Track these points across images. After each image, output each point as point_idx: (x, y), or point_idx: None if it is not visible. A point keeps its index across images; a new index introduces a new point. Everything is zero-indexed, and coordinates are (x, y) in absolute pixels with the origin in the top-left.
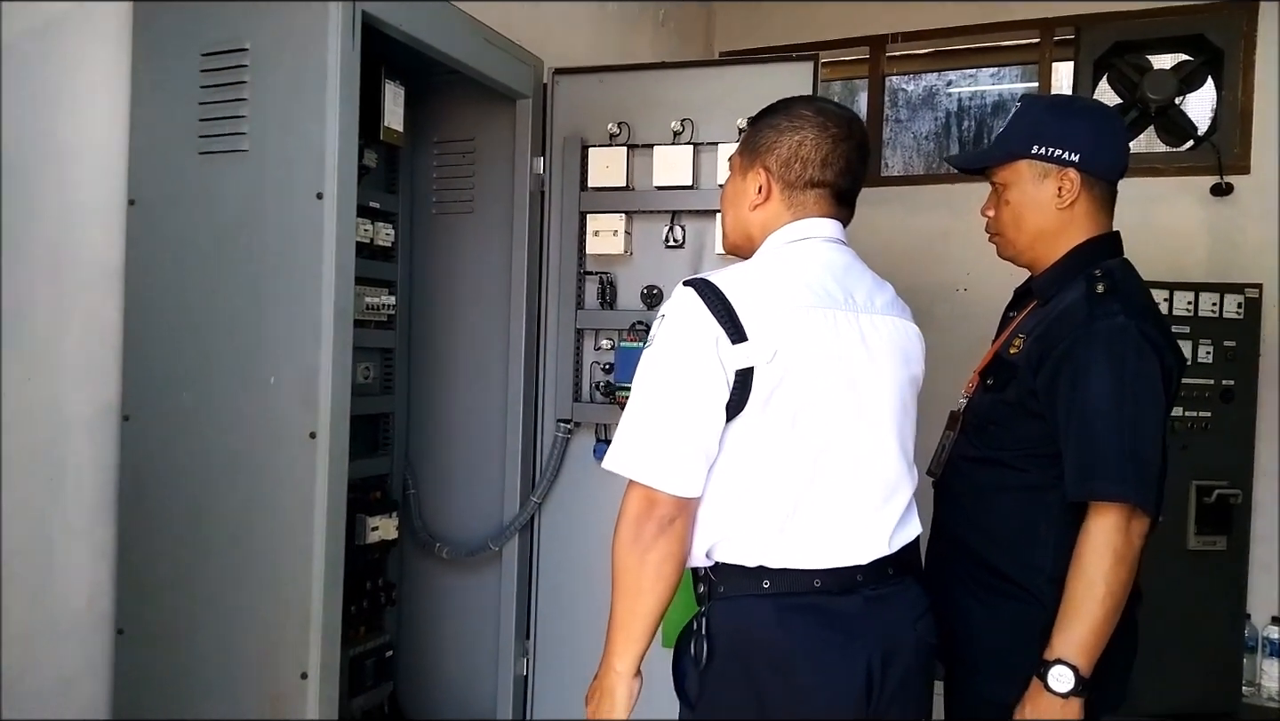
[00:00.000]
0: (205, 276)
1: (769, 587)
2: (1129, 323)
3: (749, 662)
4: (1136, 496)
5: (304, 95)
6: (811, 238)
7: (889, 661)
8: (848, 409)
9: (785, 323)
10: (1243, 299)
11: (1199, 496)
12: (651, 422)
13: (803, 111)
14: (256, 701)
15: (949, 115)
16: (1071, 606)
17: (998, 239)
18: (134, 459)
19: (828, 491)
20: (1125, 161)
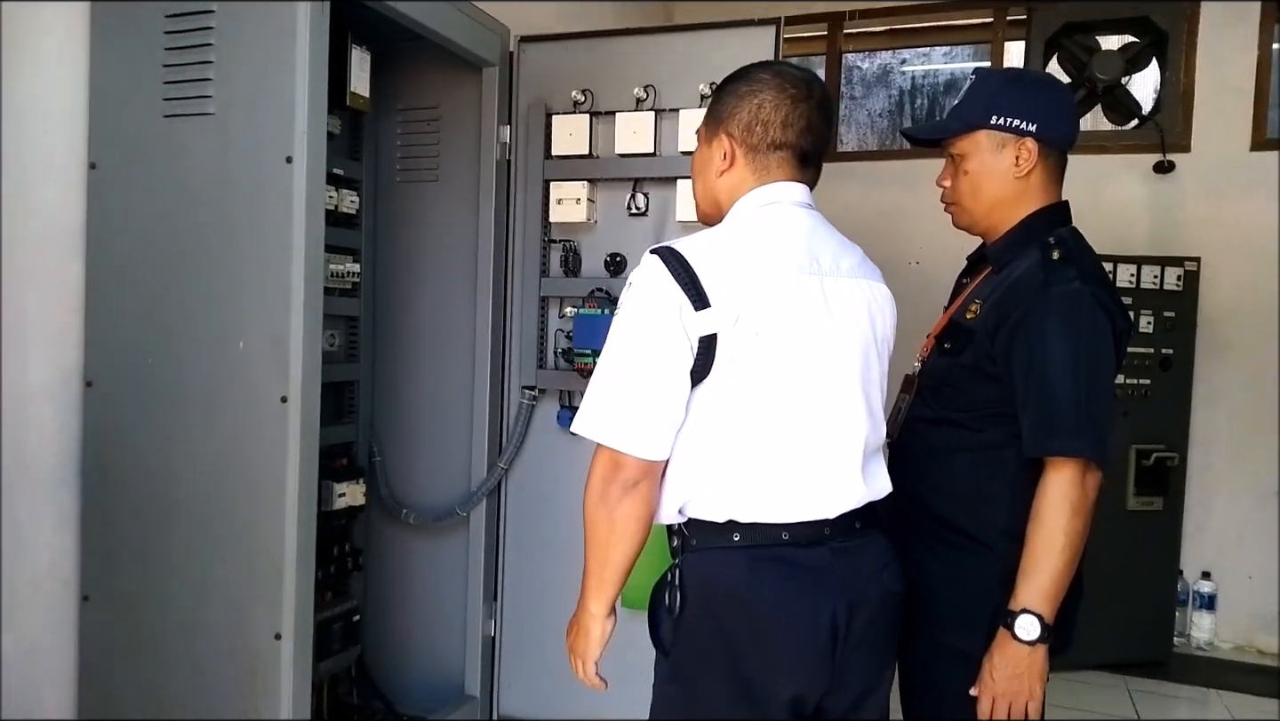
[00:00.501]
0: (171, 240)
1: (739, 540)
2: (1083, 288)
3: (719, 610)
4: (1091, 452)
5: (272, 57)
6: (778, 202)
7: (854, 610)
8: (811, 370)
9: (748, 288)
10: (1182, 271)
11: (1138, 459)
12: (617, 389)
13: (761, 75)
14: (229, 663)
15: (902, 93)
16: (1033, 558)
17: (954, 208)
18: (97, 424)
19: (794, 449)
20: (1077, 132)
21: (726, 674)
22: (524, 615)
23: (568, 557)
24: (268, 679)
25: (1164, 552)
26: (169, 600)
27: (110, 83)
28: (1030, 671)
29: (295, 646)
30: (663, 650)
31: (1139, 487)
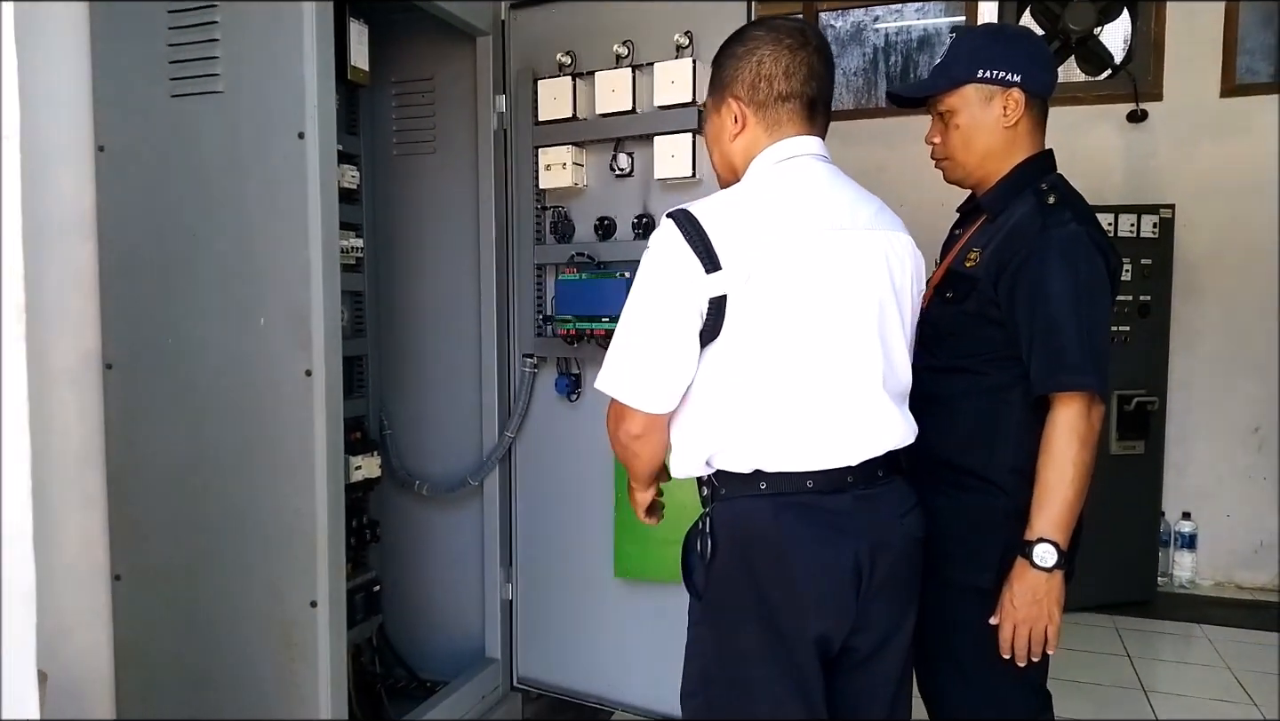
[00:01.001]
0: (184, 220)
1: (765, 489)
2: (1079, 229)
3: (748, 555)
4: (1096, 385)
5: (279, 33)
6: (793, 156)
7: (877, 554)
8: (826, 324)
9: (759, 248)
10: (1157, 219)
11: (1120, 405)
12: (629, 349)
13: (755, 33)
14: (265, 633)
15: (876, 51)
16: (1046, 489)
17: (946, 163)
18: (119, 405)
19: (813, 401)
20: (1056, 79)
21: (756, 613)
22: (538, 580)
23: (578, 521)
24: (305, 647)
25: (1147, 495)
26: (201, 575)
27: (115, 64)
28: (1049, 596)
29: (331, 612)
30: (696, 594)
31: (1121, 432)
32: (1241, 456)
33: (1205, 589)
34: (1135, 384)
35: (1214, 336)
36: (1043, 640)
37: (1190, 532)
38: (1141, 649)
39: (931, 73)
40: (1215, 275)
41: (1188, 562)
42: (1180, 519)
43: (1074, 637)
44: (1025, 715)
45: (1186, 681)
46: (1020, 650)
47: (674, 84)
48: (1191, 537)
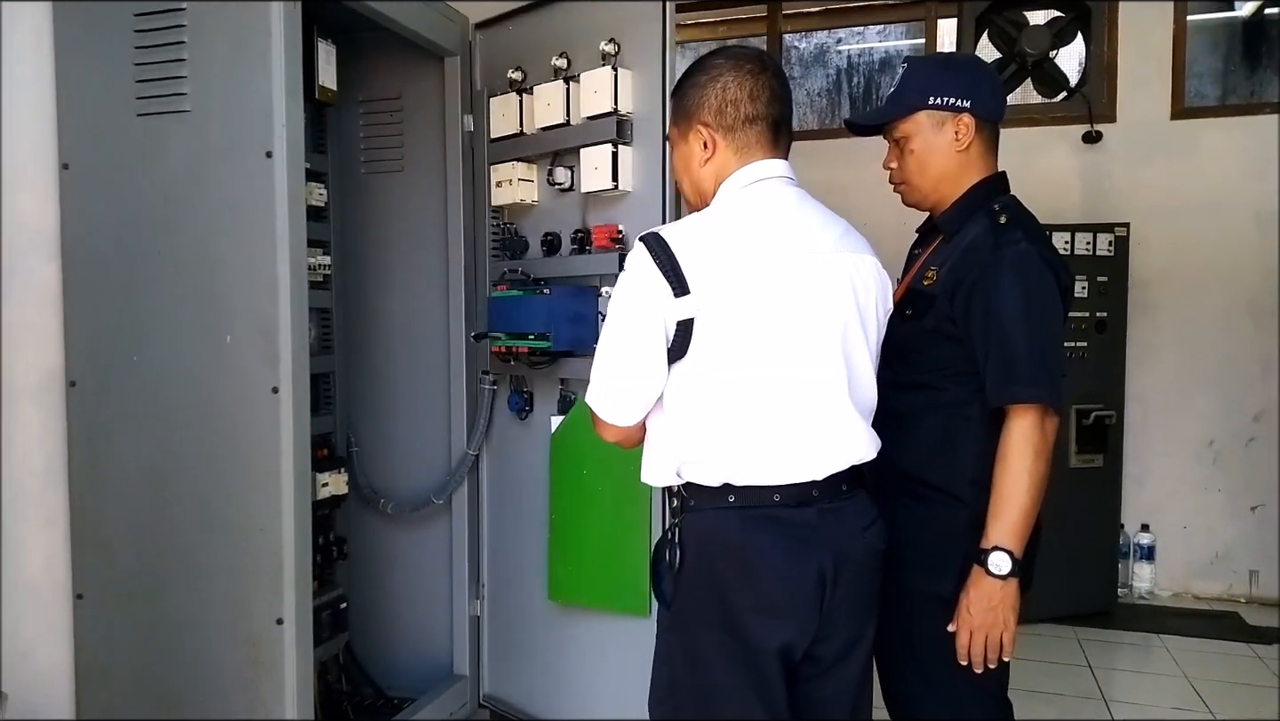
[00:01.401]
0: (150, 238)
1: (734, 501)
2: (1030, 248)
3: (716, 565)
4: (1049, 396)
5: (247, 53)
6: (763, 179)
7: (840, 565)
8: (791, 344)
9: (726, 272)
10: (1113, 237)
11: (1079, 419)
12: (603, 367)
13: (715, 61)
14: (231, 652)
15: (839, 72)
16: (1001, 499)
17: (903, 187)
18: (83, 423)
19: (778, 418)
20: (1005, 105)
21: (723, 623)
22: (504, 597)
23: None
24: (271, 664)
25: (1106, 507)
26: (166, 593)
27: (79, 82)
28: (1004, 603)
29: (297, 629)
30: (664, 602)
31: (1080, 446)
32: (1197, 469)
33: (1164, 599)
34: (1093, 398)
35: (1168, 352)
36: (999, 646)
37: (1149, 544)
38: (1102, 659)
39: (886, 101)
40: (1168, 292)
41: (1146, 574)
42: (1139, 530)
43: (1035, 648)
44: (980, 713)
45: (1145, 690)
46: (977, 656)
47: (597, 94)
48: (1150, 549)
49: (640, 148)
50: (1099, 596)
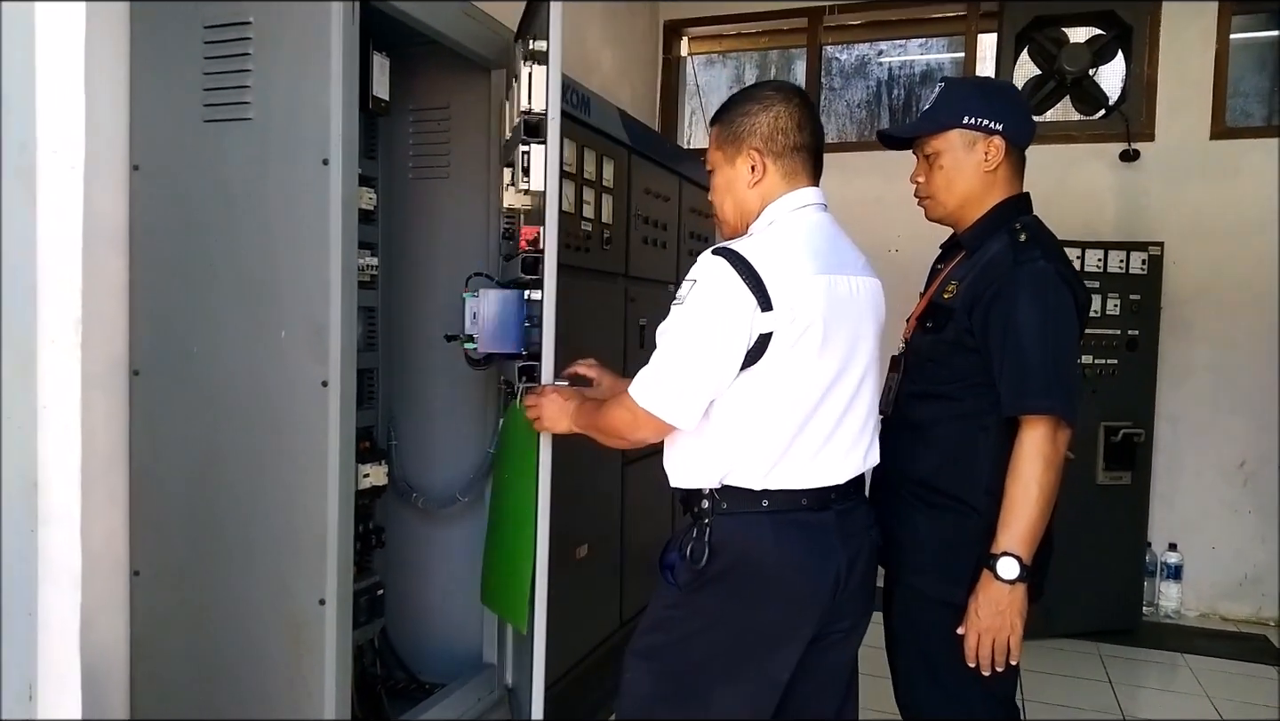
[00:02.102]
0: (212, 238)
1: (767, 506)
2: (1048, 266)
3: (748, 569)
4: (1062, 409)
5: (307, 66)
6: (807, 205)
7: (853, 564)
8: (840, 359)
9: (801, 290)
10: (1146, 256)
11: (1107, 436)
12: (679, 370)
13: (766, 92)
14: (275, 630)
15: (880, 84)
16: (1012, 507)
17: (928, 202)
18: (145, 409)
19: (820, 427)
20: (1034, 131)
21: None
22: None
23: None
24: (312, 642)
25: (1132, 525)
26: (216, 572)
27: (151, 89)
28: (1011, 608)
29: (338, 610)
30: (674, 584)
31: (1108, 463)
32: (1227, 490)
33: (1190, 619)
34: (1122, 415)
35: (1202, 372)
36: (1005, 650)
37: (1176, 563)
38: (1123, 675)
39: (920, 117)
40: (1204, 312)
41: (1174, 593)
42: (1167, 550)
43: (1057, 662)
44: (988, 715)
45: (1166, 708)
46: (984, 659)
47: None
48: (1178, 569)
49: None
50: (1124, 613)
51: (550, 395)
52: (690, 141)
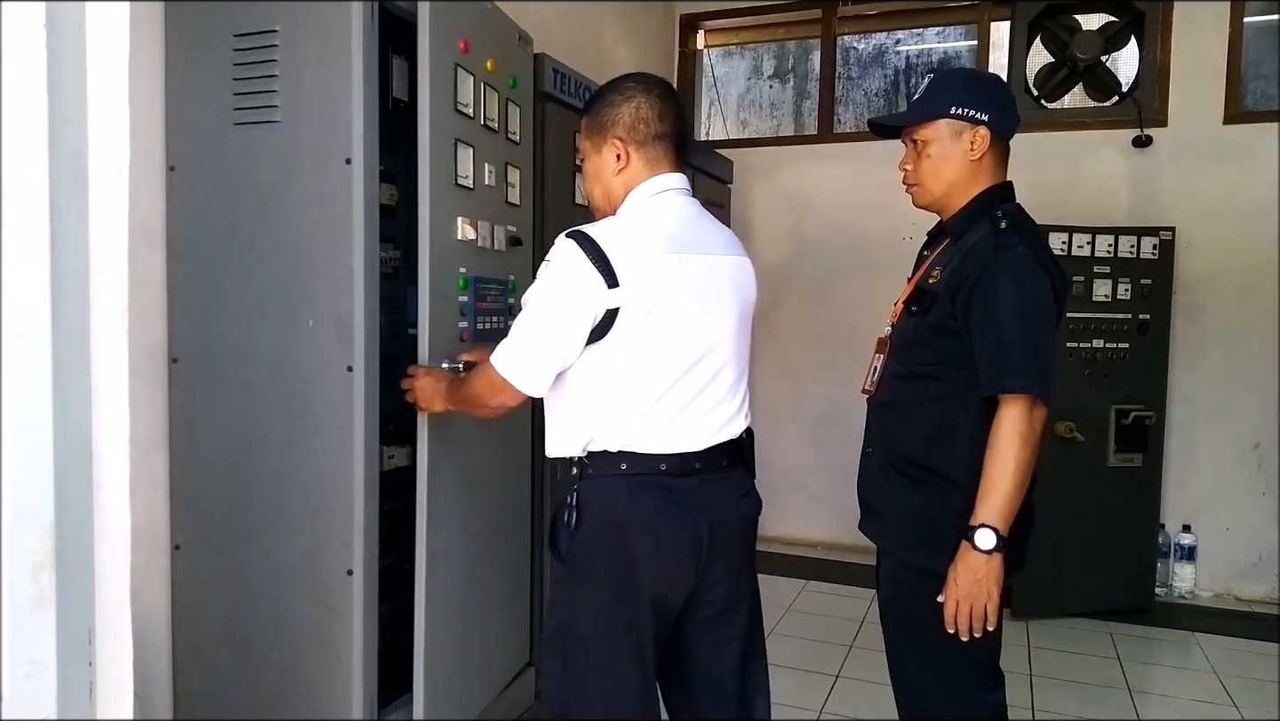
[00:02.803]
0: (244, 233)
1: (625, 469)
2: (1027, 252)
3: (606, 525)
4: (1038, 389)
5: (331, 71)
6: (667, 190)
7: (715, 528)
8: (693, 333)
9: (647, 268)
10: (1157, 240)
11: (1118, 419)
12: (529, 342)
13: (629, 85)
14: (307, 599)
15: (897, 73)
16: (989, 480)
17: (916, 189)
18: (182, 395)
19: (676, 396)
20: (1018, 123)
21: (607, 574)
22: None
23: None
24: (341, 611)
25: (1144, 506)
26: (251, 546)
27: (185, 94)
28: (988, 576)
29: (365, 580)
30: (560, 558)
31: (1119, 445)
32: (1241, 472)
33: (1204, 600)
34: (1133, 399)
35: (1216, 355)
36: (983, 616)
37: (1190, 545)
38: (1132, 652)
39: (909, 107)
40: (1217, 295)
41: (1187, 574)
42: (1181, 531)
43: (1067, 640)
44: (974, 686)
45: (1172, 683)
46: (963, 625)
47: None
48: (1191, 550)
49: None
50: (1136, 594)
51: (423, 376)
52: (709, 133)
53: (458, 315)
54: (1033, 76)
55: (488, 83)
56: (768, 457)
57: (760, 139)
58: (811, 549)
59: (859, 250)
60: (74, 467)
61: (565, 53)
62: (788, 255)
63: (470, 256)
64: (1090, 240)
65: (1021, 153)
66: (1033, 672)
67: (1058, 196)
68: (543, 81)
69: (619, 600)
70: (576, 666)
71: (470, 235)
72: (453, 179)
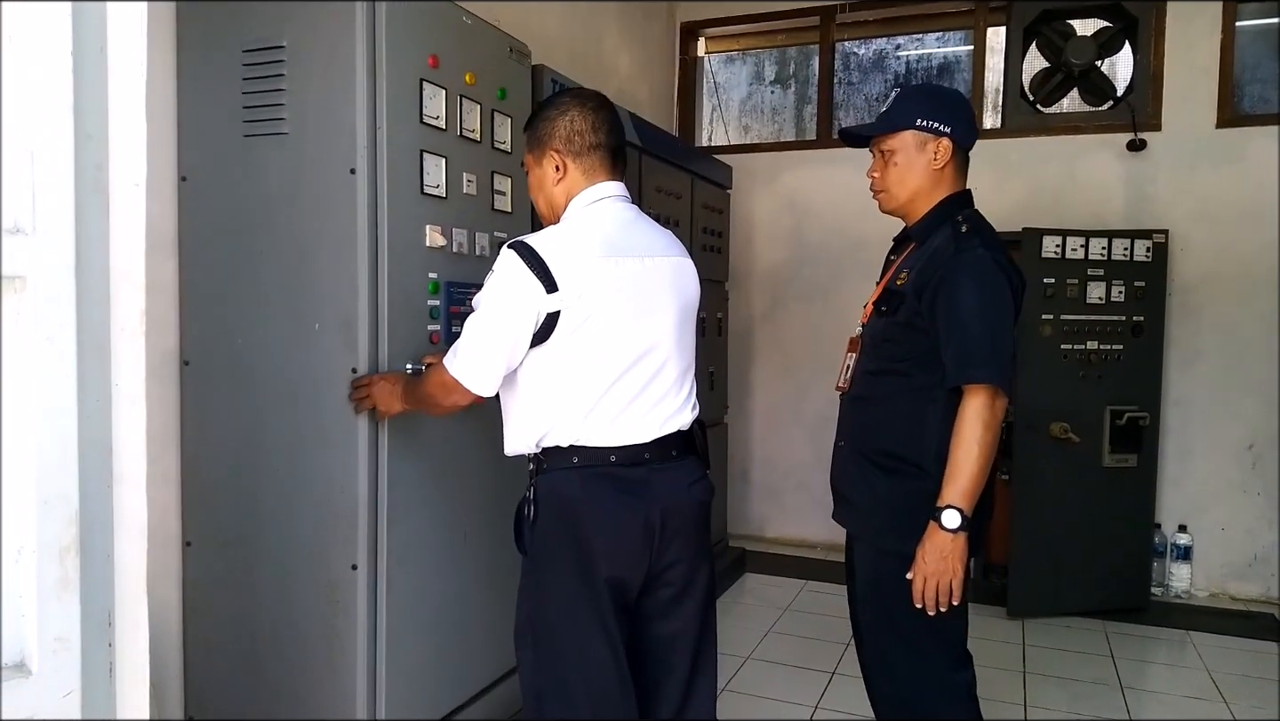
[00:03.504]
0: (253, 241)
1: (577, 462)
2: (986, 254)
3: (561, 515)
4: (999, 380)
5: (335, 86)
6: (605, 198)
7: (667, 515)
8: (633, 332)
9: (583, 272)
10: (1151, 243)
11: (1112, 419)
12: (476, 345)
13: (564, 100)
14: (313, 593)
15: (898, 77)
16: (955, 464)
17: (882, 195)
18: (194, 396)
19: (621, 391)
20: (977, 135)
21: (566, 562)
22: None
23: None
24: (346, 604)
25: (1139, 506)
26: (259, 542)
27: (196, 107)
28: (954, 555)
29: (368, 574)
30: (523, 550)
31: (1114, 446)
32: (1237, 472)
33: (1200, 599)
34: (1127, 400)
35: (1211, 355)
36: (949, 592)
37: (1186, 545)
38: (1126, 650)
39: (877, 118)
40: (1212, 297)
41: (1183, 573)
42: (1177, 531)
43: (1061, 638)
44: (943, 663)
45: (1164, 680)
46: (930, 600)
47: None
48: (1187, 549)
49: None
50: (1132, 593)
51: (378, 381)
52: (711, 139)
53: (426, 318)
54: (1028, 81)
55: (466, 95)
56: (769, 458)
57: (761, 144)
58: (811, 549)
59: (858, 253)
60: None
61: (566, 61)
62: (788, 258)
63: (442, 262)
64: (1084, 243)
65: (1017, 156)
66: (1026, 670)
67: (1053, 199)
68: (542, 91)
69: (580, 585)
70: (547, 654)
71: (440, 242)
72: (418, 188)
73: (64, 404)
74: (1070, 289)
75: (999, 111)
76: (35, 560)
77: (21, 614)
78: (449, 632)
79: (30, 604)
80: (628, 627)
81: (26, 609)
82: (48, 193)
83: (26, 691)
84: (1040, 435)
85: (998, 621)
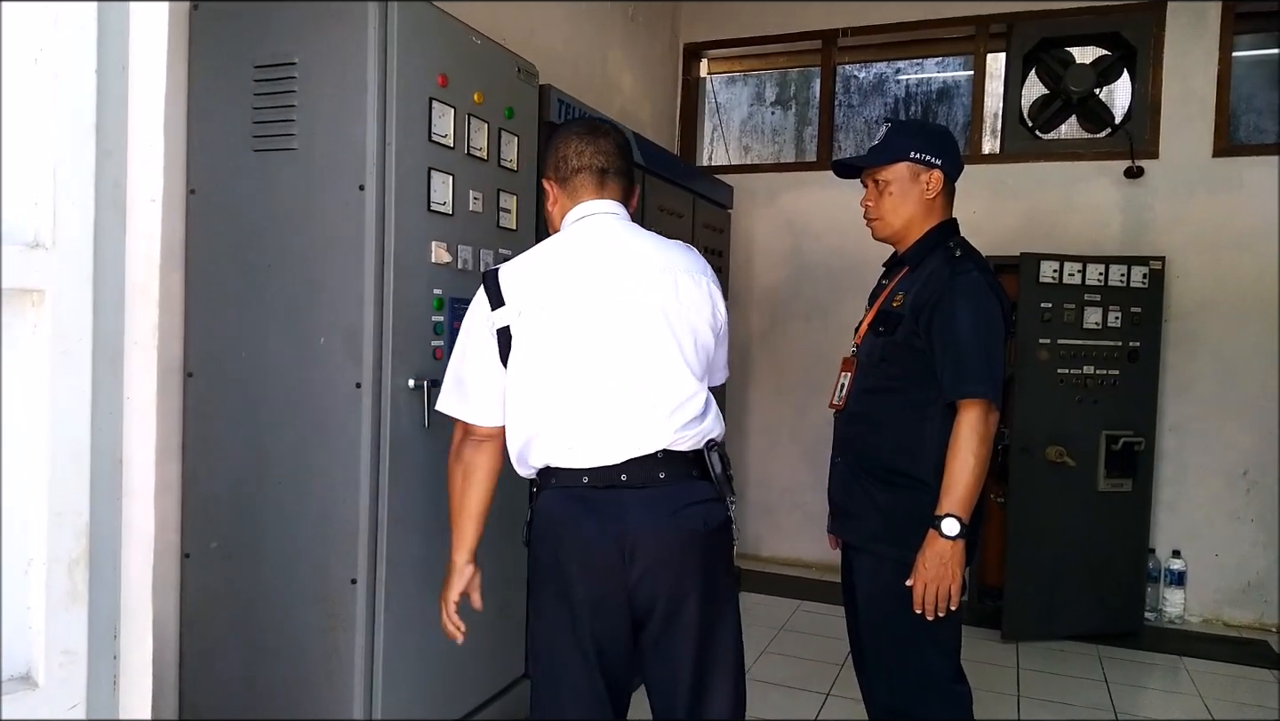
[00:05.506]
0: (260, 255)
1: (555, 483)
2: (979, 277)
3: (545, 538)
4: (992, 394)
5: (345, 103)
6: (589, 215)
7: (639, 539)
8: (595, 348)
9: (530, 287)
10: (1147, 270)
11: (1108, 444)
12: (455, 379)
13: (561, 131)
14: (312, 606)
15: (898, 101)
16: (952, 475)
17: (876, 223)
18: (197, 408)
19: (584, 412)
20: (963, 168)
21: (550, 585)
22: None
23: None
24: (345, 618)
25: (1134, 531)
26: (259, 555)
27: (206, 121)
28: (953, 561)
29: (368, 588)
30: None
31: (1109, 470)
32: (1231, 498)
33: (1194, 625)
34: (1123, 425)
35: (1206, 382)
36: (947, 597)
37: (1180, 570)
38: (1120, 675)
39: (870, 151)
40: (1208, 324)
41: (1177, 599)
42: (1171, 556)
43: (1055, 662)
44: (940, 670)
45: (1157, 706)
46: (929, 605)
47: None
48: (1181, 575)
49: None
50: (1126, 618)
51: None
52: (712, 159)
53: (430, 334)
54: (1028, 108)
55: (474, 114)
56: (765, 477)
57: (761, 165)
58: (806, 569)
59: (857, 274)
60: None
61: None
62: (788, 278)
63: (447, 278)
64: (1081, 268)
65: (1016, 181)
66: (1020, 693)
67: (1051, 225)
68: (548, 111)
69: (559, 603)
70: (537, 668)
71: (445, 258)
72: (425, 205)
73: (78, 416)
74: (1067, 314)
75: (998, 137)
76: (44, 572)
77: (29, 626)
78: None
79: (38, 616)
80: (622, 643)
81: (34, 621)
82: (68, 207)
83: (32, 704)
84: (1036, 459)
85: (992, 644)
